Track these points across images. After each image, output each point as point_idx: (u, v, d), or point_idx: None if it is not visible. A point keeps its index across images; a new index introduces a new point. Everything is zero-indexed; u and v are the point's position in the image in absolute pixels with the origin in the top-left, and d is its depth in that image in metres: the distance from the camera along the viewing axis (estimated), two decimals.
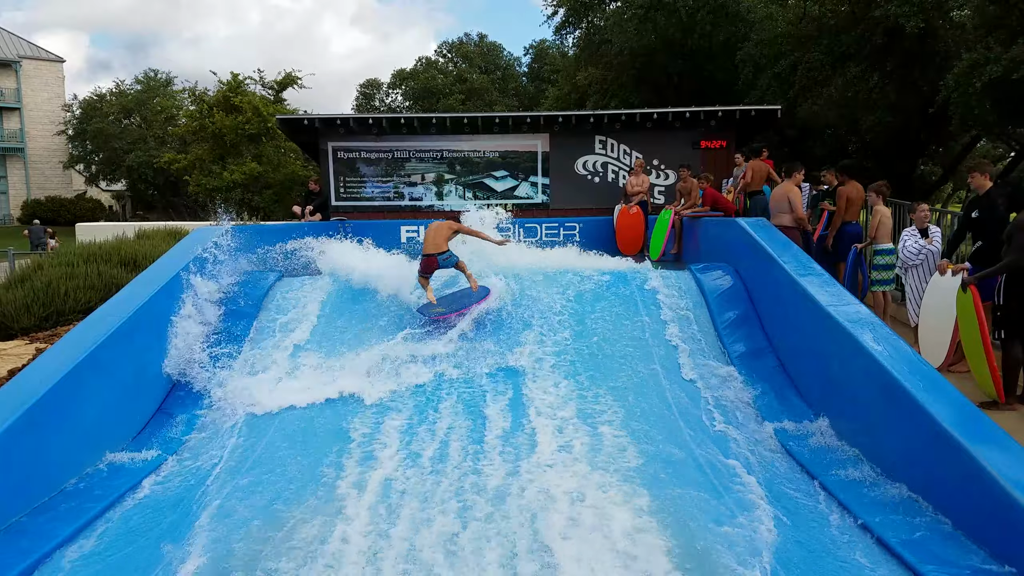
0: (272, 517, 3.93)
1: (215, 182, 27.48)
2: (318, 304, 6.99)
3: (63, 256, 9.65)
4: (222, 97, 27.95)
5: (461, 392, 5.56)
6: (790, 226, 7.76)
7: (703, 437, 4.86)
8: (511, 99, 43.16)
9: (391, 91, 47.21)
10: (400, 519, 3.88)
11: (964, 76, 13.34)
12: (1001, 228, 5.60)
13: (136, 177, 40.58)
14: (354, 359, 5.96)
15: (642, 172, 11.58)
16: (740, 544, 3.57)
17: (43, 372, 4.40)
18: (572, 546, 3.58)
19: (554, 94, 31.80)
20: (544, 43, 44.09)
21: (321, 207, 11.98)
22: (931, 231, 6.75)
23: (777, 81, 18.89)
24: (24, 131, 43.98)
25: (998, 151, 25.59)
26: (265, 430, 5.06)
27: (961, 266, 5.83)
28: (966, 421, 3.71)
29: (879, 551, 3.52)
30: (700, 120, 13.05)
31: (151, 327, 5.53)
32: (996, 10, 13.85)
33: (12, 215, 42.97)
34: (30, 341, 7.95)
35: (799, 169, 8.20)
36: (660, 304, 6.85)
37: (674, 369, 5.86)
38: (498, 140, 13.49)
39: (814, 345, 5.28)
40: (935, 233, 6.74)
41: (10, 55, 43.52)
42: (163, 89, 43.03)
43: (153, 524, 3.96)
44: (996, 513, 3.27)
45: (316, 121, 13.12)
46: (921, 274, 6.71)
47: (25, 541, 3.61)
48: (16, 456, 3.86)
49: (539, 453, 4.59)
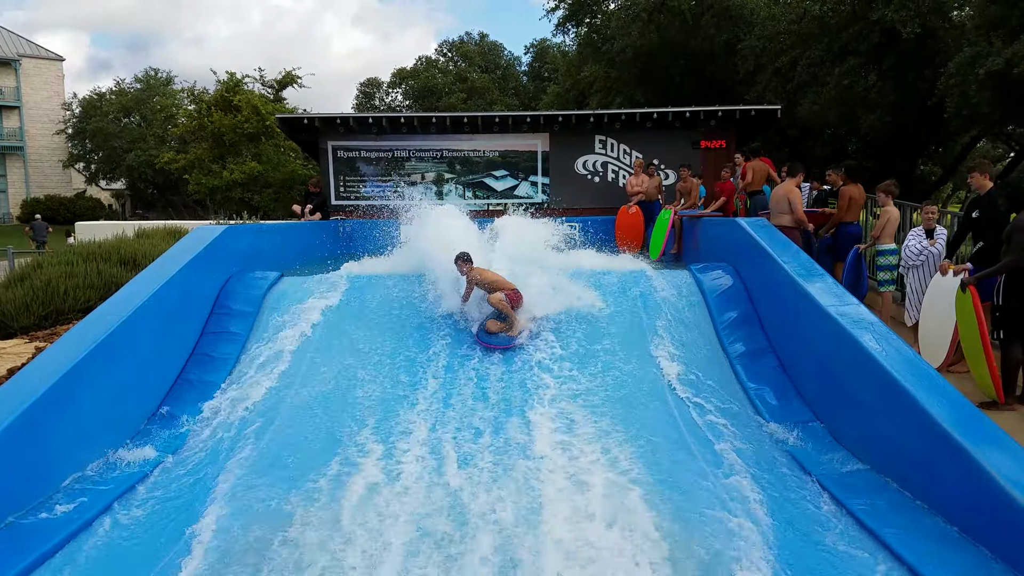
0: (273, 515, 3.93)
1: (214, 181, 27.49)
2: (310, 327, 6.52)
3: (62, 255, 9.65)
4: (220, 96, 27.95)
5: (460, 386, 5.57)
6: (790, 226, 7.75)
7: (702, 437, 4.86)
8: (511, 98, 43.17)
9: (391, 90, 47.22)
10: (398, 516, 3.88)
11: (965, 66, 13.34)
12: (1001, 228, 5.63)
13: (135, 176, 40.63)
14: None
15: (643, 172, 11.56)
16: (739, 543, 3.57)
17: (43, 371, 4.40)
18: (564, 537, 3.59)
19: (554, 91, 31.75)
20: (544, 42, 44.10)
21: (321, 206, 11.98)
22: (937, 232, 6.73)
23: (777, 77, 18.91)
24: (24, 130, 43.98)
25: (998, 151, 25.60)
26: (265, 429, 5.05)
27: (963, 267, 5.83)
28: (966, 421, 3.71)
29: (878, 550, 3.52)
30: (700, 120, 13.05)
31: (151, 326, 5.52)
32: (998, 9, 13.85)
33: (11, 214, 42.98)
34: (29, 340, 7.96)
35: (801, 170, 8.19)
36: (659, 304, 6.85)
37: (673, 369, 5.85)
38: (498, 139, 13.48)
39: (814, 345, 5.28)
40: (941, 234, 6.71)
41: (10, 54, 43.50)
42: (163, 88, 43.04)
43: (152, 523, 3.96)
44: (995, 513, 3.27)
45: (316, 120, 13.11)
46: (921, 275, 6.71)
47: (25, 540, 3.61)
48: (16, 455, 3.86)
49: (537, 451, 4.59)
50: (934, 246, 6.65)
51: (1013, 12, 13.61)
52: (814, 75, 17.69)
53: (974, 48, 13.47)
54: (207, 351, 6.18)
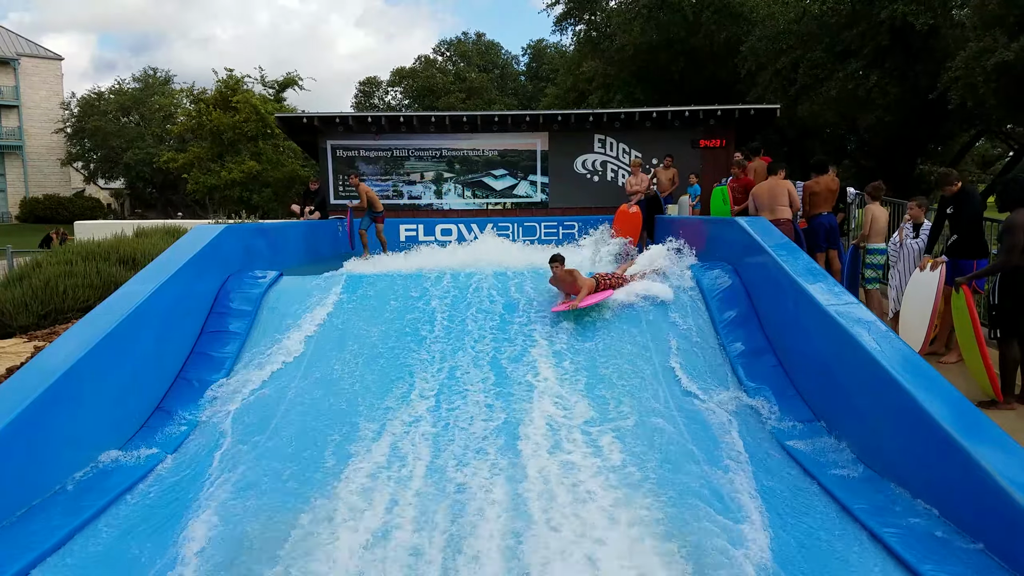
0: (271, 515, 3.93)
1: (213, 180, 27.47)
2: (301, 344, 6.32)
3: (62, 254, 9.64)
4: (219, 95, 27.94)
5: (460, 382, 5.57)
6: (790, 219, 7.91)
7: (701, 436, 4.86)
8: (510, 98, 43.16)
9: (390, 89, 47.19)
10: (397, 513, 3.87)
11: (973, 59, 13.39)
12: (973, 221, 6.06)
13: (134, 175, 40.62)
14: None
15: (640, 171, 11.58)
16: (739, 544, 3.57)
17: (41, 370, 4.39)
18: (561, 534, 3.59)
19: (553, 92, 31.75)
20: (542, 42, 44.11)
21: (320, 206, 11.98)
22: (923, 227, 6.98)
23: (778, 78, 18.92)
24: (23, 129, 43.96)
25: (997, 150, 25.62)
26: (264, 428, 5.05)
27: (939, 260, 6.10)
28: (964, 420, 3.71)
29: (877, 549, 3.52)
30: (699, 119, 13.07)
31: (150, 325, 5.51)
32: (996, 8, 13.88)
33: (11, 213, 42.95)
34: (28, 339, 7.94)
35: (783, 167, 8.50)
36: (658, 303, 6.84)
37: (672, 368, 5.85)
38: (497, 139, 13.49)
39: (813, 345, 5.28)
40: (927, 229, 6.95)
41: (8, 53, 43.47)
42: (161, 87, 43.01)
43: (151, 523, 3.95)
44: (995, 512, 3.28)
45: (315, 120, 13.11)
46: (903, 268, 7.03)
47: (23, 540, 3.61)
48: (14, 454, 3.86)
49: (535, 452, 4.60)
50: (917, 240, 6.93)
51: (1011, 10, 13.65)
52: (816, 77, 17.71)
53: (980, 43, 13.52)
54: (206, 350, 6.17)
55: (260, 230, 8.82)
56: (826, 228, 8.26)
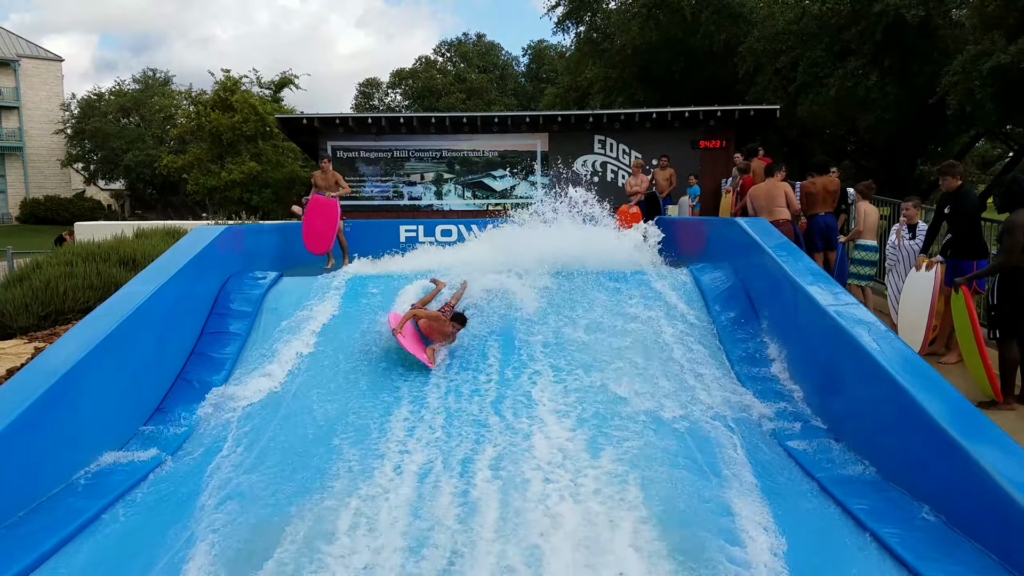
0: (272, 515, 3.93)
1: (213, 181, 27.49)
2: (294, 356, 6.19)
3: (62, 255, 9.65)
4: (217, 96, 27.96)
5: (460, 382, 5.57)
6: (788, 220, 7.91)
7: (700, 436, 4.86)
8: (510, 98, 43.19)
9: (390, 90, 47.22)
10: (397, 519, 3.88)
11: (970, 62, 13.40)
12: (970, 220, 6.04)
13: (134, 176, 40.65)
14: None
15: (641, 172, 11.58)
16: (739, 545, 3.57)
17: (42, 371, 4.39)
18: (562, 532, 3.60)
19: (553, 92, 31.78)
20: (542, 43, 44.14)
21: None
22: (919, 228, 7.02)
23: (777, 78, 18.93)
24: (23, 130, 43.98)
25: (996, 151, 25.64)
26: (264, 430, 5.05)
27: (935, 259, 6.14)
28: (964, 420, 3.71)
29: (877, 550, 3.52)
30: (699, 120, 13.08)
31: (150, 326, 5.52)
32: (995, 9, 13.89)
33: (11, 214, 42.96)
34: (29, 340, 7.95)
35: (781, 168, 8.46)
36: (658, 303, 6.85)
37: (671, 368, 5.85)
38: (497, 139, 13.50)
39: (813, 345, 5.29)
40: (923, 230, 6.97)
41: (9, 54, 43.50)
42: (161, 88, 43.04)
43: (152, 523, 3.95)
44: (995, 512, 3.28)
45: (316, 121, 13.12)
46: (900, 271, 7.06)
47: (24, 540, 3.60)
48: (14, 456, 3.86)
49: (535, 452, 4.60)
50: (914, 242, 6.96)
51: (1010, 12, 13.64)
52: (815, 76, 17.72)
53: (978, 46, 13.51)
54: (206, 351, 6.18)
55: (260, 231, 8.83)
56: (821, 228, 8.16)
